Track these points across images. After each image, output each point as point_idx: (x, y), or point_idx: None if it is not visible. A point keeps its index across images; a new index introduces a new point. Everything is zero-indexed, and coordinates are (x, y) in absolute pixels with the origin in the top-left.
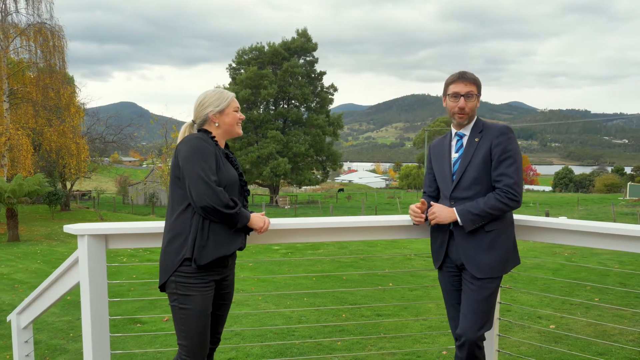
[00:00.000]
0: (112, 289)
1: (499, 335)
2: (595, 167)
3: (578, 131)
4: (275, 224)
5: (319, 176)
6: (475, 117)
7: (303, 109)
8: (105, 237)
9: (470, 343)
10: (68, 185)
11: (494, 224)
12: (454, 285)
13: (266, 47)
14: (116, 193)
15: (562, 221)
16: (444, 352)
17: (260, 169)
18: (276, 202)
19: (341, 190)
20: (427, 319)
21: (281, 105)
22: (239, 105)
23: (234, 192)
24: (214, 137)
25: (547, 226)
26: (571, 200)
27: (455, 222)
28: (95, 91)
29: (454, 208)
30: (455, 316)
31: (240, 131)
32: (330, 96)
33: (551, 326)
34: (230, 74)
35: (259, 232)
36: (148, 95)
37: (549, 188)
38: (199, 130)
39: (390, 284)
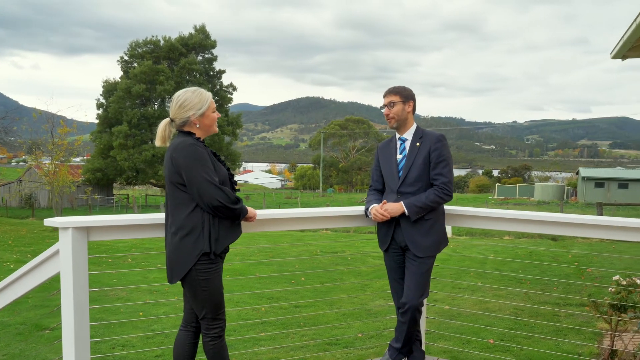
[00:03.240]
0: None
1: (428, 304)
2: (469, 170)
3: (455, 137)
4: (259, 214)
5: None
6: (415, 124)
7: None
8: (87, 230)
9: (413, 308)
10: None
11: (431, 214)
12: (397, 264)
13: (162, 42)
14: None
15: (483, 210)
16: (360, 335)
17: (156, 168)
18: None
19: (238, 190)
20: (340, 308)
21: None
22: (215, 105)
23: (227, 187)
24: (199, 138)
25: (473, 214)
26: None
27: (403, 213)
28: None
29: (402, 202)
30: (397, 289)
31: (216, 129)
32: (229, 95)
33: (445, 307)
34: (122, 67)
35: (250, 221)
36: (19, 84)
37: None
38: (181, 131)
39: (303, 278)
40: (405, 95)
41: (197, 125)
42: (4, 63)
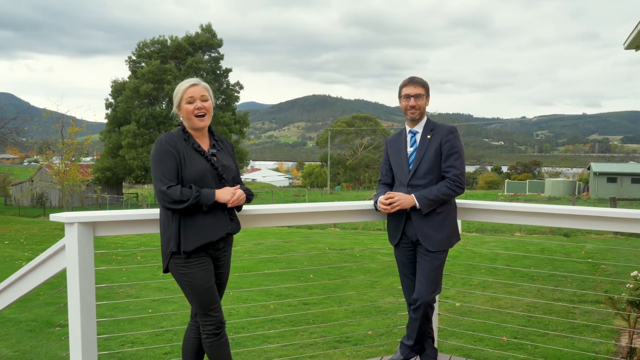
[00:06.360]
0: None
1: (439, 301)
2: (477, 167)
3: (463, 133)
4: (262, 209)
5: None
6: (426, 117)
7: None
8: (93, 225)
9: (425, 305)
10: None
11: (443, 207)
12: (408, 259)
13: (169, 41)
14: None
15: (496, 203)
16: (370, 332)
17: None
18: None
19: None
20: (350, 306)
21: None
22: (194, 95)
23: (207, 182)
24: (184, 129)
25: (485, 208)
26: (460, 196)
27: (413, 206)
28: None
29: (413, 195)
30: (409, 285)
31: (198, 123)
32: (236, 94)
33: (457, 304)
34: (130, 67)
35: (229, 205)
36: (31, 86)
37: None
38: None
39: (311, 276)
40: (427, 89)
41: (182, 118)
42: (18, 66)
